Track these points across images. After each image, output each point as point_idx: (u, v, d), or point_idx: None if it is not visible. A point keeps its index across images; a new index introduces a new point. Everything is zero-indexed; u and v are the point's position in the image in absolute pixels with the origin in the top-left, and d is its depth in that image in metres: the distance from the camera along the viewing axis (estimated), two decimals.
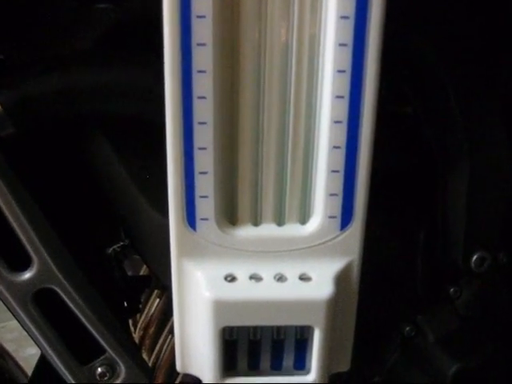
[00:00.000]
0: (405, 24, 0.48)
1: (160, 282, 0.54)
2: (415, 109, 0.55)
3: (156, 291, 0.78)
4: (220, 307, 0.35)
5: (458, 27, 0.50)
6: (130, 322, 0.81)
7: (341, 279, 0.36)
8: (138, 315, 0.85)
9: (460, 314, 0.58)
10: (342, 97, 0.32)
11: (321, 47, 0.32)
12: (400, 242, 0.56)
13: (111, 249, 0.66)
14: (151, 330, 0.81)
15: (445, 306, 0.58)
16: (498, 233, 0.57)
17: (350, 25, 0.31)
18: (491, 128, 0.53)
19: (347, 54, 0.32)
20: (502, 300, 0.61)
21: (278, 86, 0.33)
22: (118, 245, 0.66)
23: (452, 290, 0.57)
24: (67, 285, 0.44)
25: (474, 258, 0.55)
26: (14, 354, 0.74)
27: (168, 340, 0.75)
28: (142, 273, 0.75)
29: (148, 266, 0.55)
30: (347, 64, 0.32)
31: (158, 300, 0.79)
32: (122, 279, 0.65)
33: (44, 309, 0.45)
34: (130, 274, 0.75)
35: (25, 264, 0.44)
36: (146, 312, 0.82)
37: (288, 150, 0.35)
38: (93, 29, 0.46)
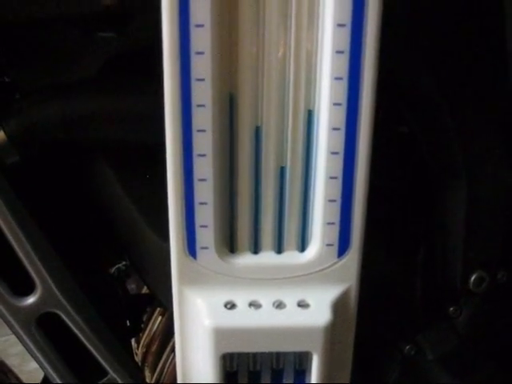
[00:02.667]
0: (402, 47, 0.49)
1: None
2: (412, 130, 0.56)
3: (158, 309, 0.78)
4: (220, 334, 0.36)
5: (453, 49, 0.51)
6: (133, 339, 0.82)
7: (338, 305, 0.37)
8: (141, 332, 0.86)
9: (460, 333, 0.59)
10: (338, 129, 0.33)
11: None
12: (399, 262, 0.57)
13: (114, 268, 0.67)
14: (154, 348, 0.82)
15: (444, 324, 0.58)
16: (497, 252, 0.57)
17: (345, 59, 0.32)
18: (488, 147, 0.54)
19: (343, 88, 0.33)
20: (501, 319, 0.61)
21: (275, 117, 0.34)
22: (121, 264, 0.66)
23: (452, 309, 0.58)
24: (70, 309, 0.45)
25: (473, 278, 0.56)
26: (18, 368, 0.75)
27: (170, 358, 0.75)
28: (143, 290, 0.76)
29: (148, 288, 0.56)
30: (343, 98, 0.33)
31: (160, 318, 0.80)
32: (125, 298, 0.66)
33: (47, 332, 0.45)
34: (133, 286, 0.76)
35: (28, 289, 0.44)
36: (148, 329, 0.83)
37: (286, 179, 0.35)
38: (95, 57, 0.47)
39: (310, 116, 0.34)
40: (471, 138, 0.53)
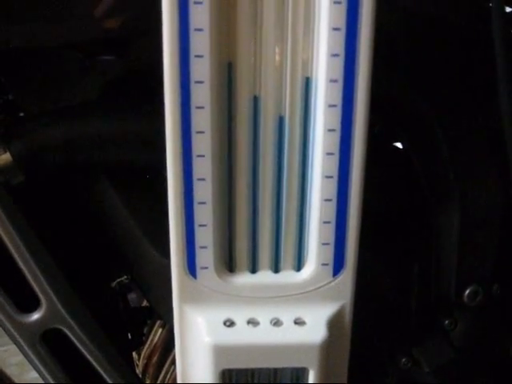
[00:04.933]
0: (396, 71, 0.50)
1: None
2: (406, 148, 0.57)
3: (159, 321, 0.79)
4: (219, 351, 0.37)
5: (445, 72, 0.52)
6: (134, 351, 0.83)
7: (334, 323, 0.38)
8: None
9: (455, 346, 0.60)
10: (332, 153, 0.35)
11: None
12: (394, 276, 0.58)
13: (115, 282, 0.68)
14: (154, 359, 0.83)
15: (440, 337, 0.59)
16: (491, 266, 0.58)
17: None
18: (481, 166, 0.55)
19: (337, 114, 0.34)
20: (496, 331, 0.62)
21: (271, 148, 0.35)
22: (123, 278, 0.67)
23: (447, 321, 0.59)
24: (74, 325, 0.46)
25: (467, 292, 0.57)
26: (18, 378, 0.75)
27: (171, 370, 0.76)
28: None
29: (149, 303, 0.57)
30: (337, 124, 0.34)
31: (160, 330, 0.81)
32: (126, 312, 0.67)
33: (51, 348, 0.47)
34: (133, 296, 0.76)
35: (33, 305, 0.45)
36: (149, 341, 0.84)
37: (283, 201, 0.37)
38: (97, 80, 0.49)
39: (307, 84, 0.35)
40: (464, 159, 0.54)
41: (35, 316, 0.45)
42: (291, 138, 0.35)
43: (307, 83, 0.34)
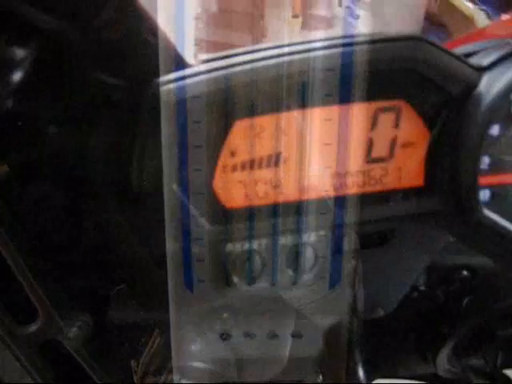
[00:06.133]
0: None
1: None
2: None
3: (157, 330, 0.79)
4: (216, 364, 0.37)
5: None
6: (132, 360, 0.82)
7: (330, 336, 0.38)
8: None
9: (457, 356, 0.60)
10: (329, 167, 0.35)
11: None
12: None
13: (115, 290, 0.67)
14: (153, 367, 0.82)
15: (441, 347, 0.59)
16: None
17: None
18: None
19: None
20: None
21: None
22: (121, 286, 0.67)
23: (446, 330, 0.59)
24: (71, 336, 0.46)
25: (465, 301, 0.57)
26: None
27: (169, 378, 0.76)
28: None
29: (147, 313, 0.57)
30: (334, 138, 0.34)
31: (159, 338, 0.80)
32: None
33: (49, 359, 0.47)
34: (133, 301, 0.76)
35: (31, 317, 0.45)
36: (148, 349, 0.83)
37: (280, 213, 0.37)
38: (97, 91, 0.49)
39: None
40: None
41: (33, 328, 0.45)
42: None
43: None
